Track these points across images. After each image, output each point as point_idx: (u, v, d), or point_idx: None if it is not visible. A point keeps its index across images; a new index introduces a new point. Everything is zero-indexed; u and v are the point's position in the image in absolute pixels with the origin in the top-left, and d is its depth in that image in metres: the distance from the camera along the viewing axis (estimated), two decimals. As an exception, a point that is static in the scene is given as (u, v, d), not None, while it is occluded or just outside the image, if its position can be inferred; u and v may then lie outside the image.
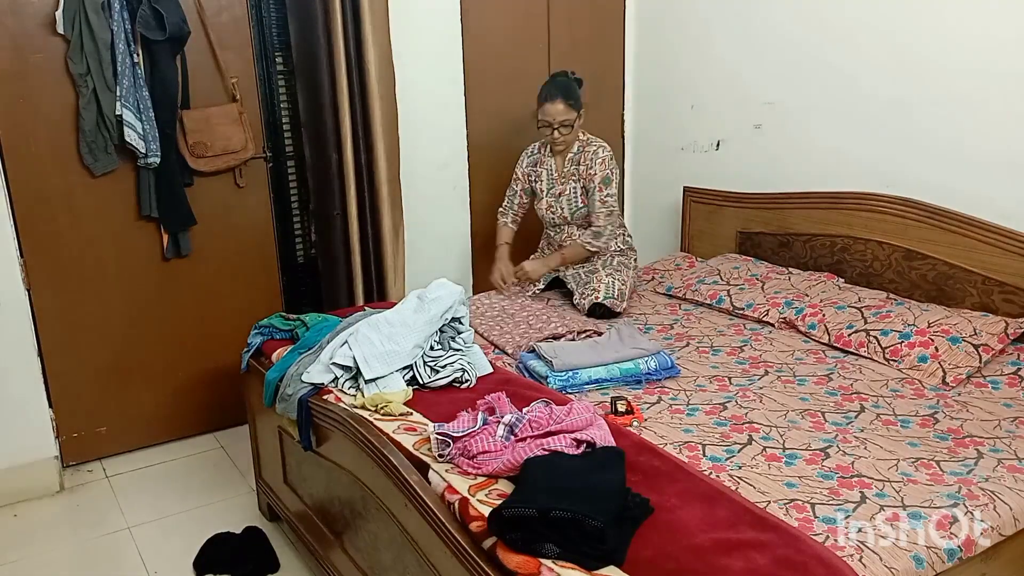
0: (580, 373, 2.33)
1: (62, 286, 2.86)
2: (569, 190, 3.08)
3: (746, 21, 3.30)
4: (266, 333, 2.56)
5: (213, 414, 3.22)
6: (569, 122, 2.98)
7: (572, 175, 3.07)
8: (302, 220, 3.42)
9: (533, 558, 1.45)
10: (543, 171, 3.14)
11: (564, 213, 3.10)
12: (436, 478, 1.74)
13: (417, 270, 3.45)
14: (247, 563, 2.43)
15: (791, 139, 3.21)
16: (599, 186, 3.00)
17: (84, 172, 2.80)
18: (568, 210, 3.09)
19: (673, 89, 3.68)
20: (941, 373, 2.31)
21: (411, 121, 3.29)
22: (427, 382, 2.20)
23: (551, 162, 3.12)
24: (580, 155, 3.06)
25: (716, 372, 2.41)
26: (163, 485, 2.91)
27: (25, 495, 2.83)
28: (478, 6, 3.44)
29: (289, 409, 2.20)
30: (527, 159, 3.20)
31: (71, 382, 2.94)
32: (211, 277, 3.13)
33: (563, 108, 2.96)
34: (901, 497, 1.74)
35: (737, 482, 1.80)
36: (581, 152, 3.06)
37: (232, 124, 2.97)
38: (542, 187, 3.15)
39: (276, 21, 3.13)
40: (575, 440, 1.74)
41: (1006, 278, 2.52)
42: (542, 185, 3.15)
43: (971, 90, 2.62)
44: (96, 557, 2.54)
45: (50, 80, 2.69)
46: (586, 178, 3.04)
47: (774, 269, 3.08)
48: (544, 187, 3.14)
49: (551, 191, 3.12)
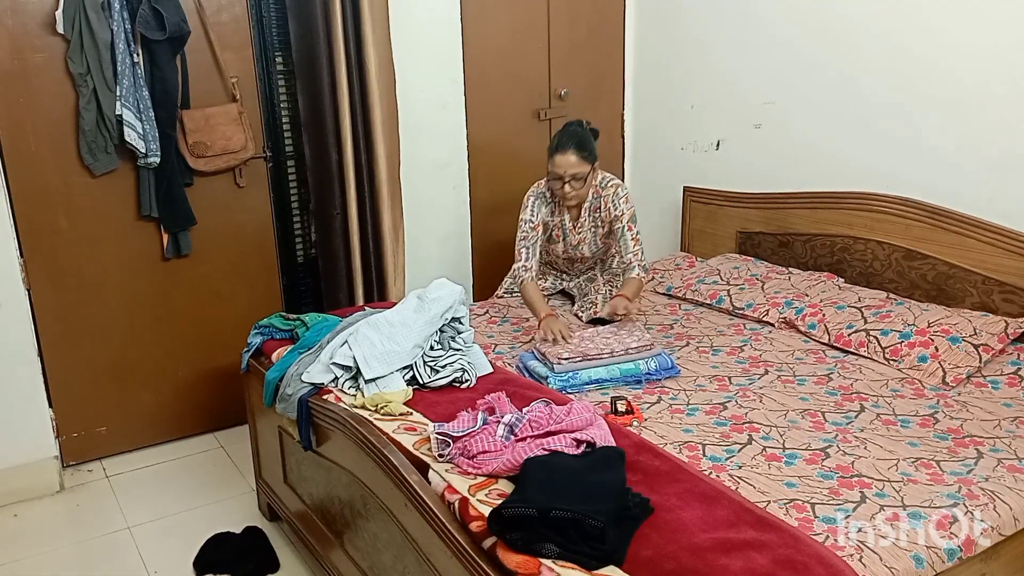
0: (580, 373, 2.33)
1: (62, 286, 2.86)
2: (588, 238, 2.91)
3: (746, 21, 3.30)
4: (266, 333, 2.57)
5: (213, 414, 3.22)
6: (582, 175, 2.71)
7: (593, 223, 2.87)
8: (302, 220, 3.42)
9: (533, 558, 1.45)
10: (558, 220, 2.91)
11: (583, 255, 2.97)
12: (436, 478, 1.75)
13: (417, 270, 3.45)
14: (247, 563, 2.43)
15: (791, 139, 3.21)
16: (628, 224, 2.79)
17: (84, 172, 2.80)
18: (588, 251, 2.96)
19: (673, 89, 3.68)
20: (941, 373, 2.31)
21: (411, 121, 3.29)
22: (427, 382, 2.20)
23: (564, 213, 2.89)
24: (599, 201, 2.83)
25: (716, 372, 2.42)
26: (163, 485, 2.91)
27: (25, 495, 2.83)
28: (478, 7, 3.44)
29: (289, 409, 2.20)
30: (543, 205, 2.87)
31: (71, 382, 2.94)
32: (211, 277, 3.13)
33: (575, 160, 2.69)
34: (901, 497, 1.74)
35: (737, 482, 1.80)
36: (599, 199, 2.83)
37: (232, 124, 2.97)
38: (557, 233, 2.94)
39: (276, 21, 3.13)
40: (575, 440, 1.74)
41: (1006, 278, 2.53)
42: (557, 231, 2.93)
43: (971, 90, 2.62)
44: (96, 557, 2.54)
45: (50, 80, 2.69)
46: (610, 220, 2.83)
47: (774, 269, 3.08)
48: (560, 233, 2.93)
49: (566, 239, 2.94)
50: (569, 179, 2.71)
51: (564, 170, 2.70)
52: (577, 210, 2.87)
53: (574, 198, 2.76)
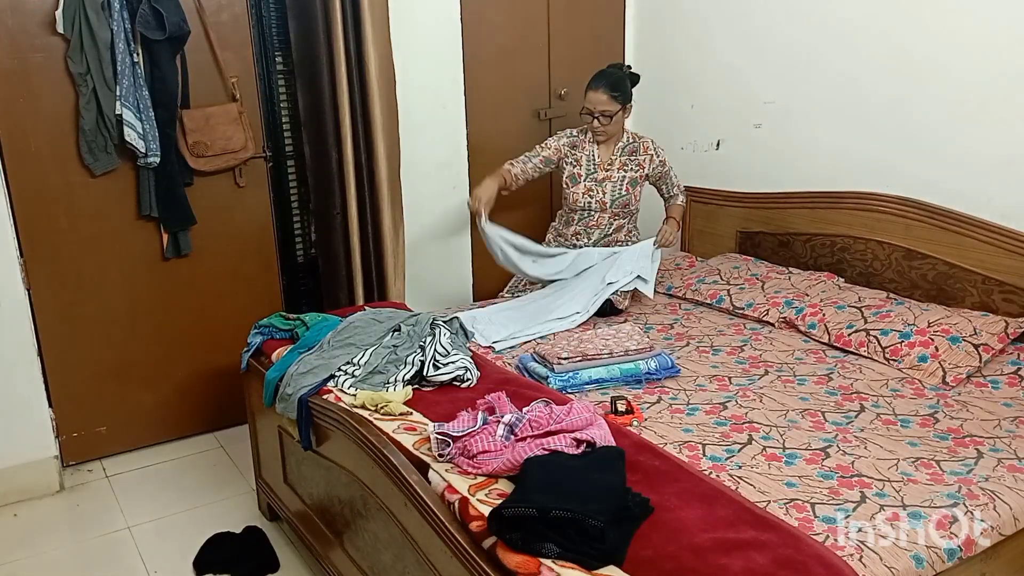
0: (580, 373, 2.33)
1: (62, 286, 2.86)
2: (616, 177, 3.08)
3: (746, 21, 3.30)
4: (266, 333, 2.56)
5: (213, 414, 3.22)
6: (610, 113, 2.98)
7: (622, 165, 3.08)
8: (302, 219, 3.42)
9: (533, 558, 1.45)
10: (582, 156, 3.11)
11: (604, 199, 3.09)
12: (436, 478, 1.75)
13: (417, 270, 3.45)
14: (247, 563, 2.43)
15: (791, 139, 3.21)
16: (671, 169, 3.16)
17: (84, 172, 2.80)
18: (610, 196, 3.08)
19: (673, 89, 3.68)
20: (941, 373, 2.31)
21: (411, 121, 3.29)
22: (429, 374, 2.21)
23: (593, 149, 3.10)
24: (637, 145, 3.10)
25: (716, 372, 2.42)
26: (163, 485, 2.91)
27: (25, 495, 2.83)
28: (478, 7, 3.43)
29: (289, 409, 2.20)
30: (566, 139, 3.15)
31: (71, 382, 2.94)
32: (211, 277, 3.12)
33: (606, 99, 2.96)
34: (901, 497, 1.74)
35: (737, 482, 1.80)
36: (637, 143, 3.10)
37: (232, 124, 2.97)
38: (579, 171, 3.11)
39: (276, 21, 3.13)
40: (575, 440, 1.74)
41: (1006, 277, 2.53)
42: (580, 169, 3.11)
43: (971, 90, 2.62)
44: (96, 557, 2.54)
45: (50, 80, 2.69)
46: (652, 167, 3.10)
47: (774, 269, 3.08)
48: (583, 171, 3.11)
49: (591, 175, 3.10)
50: (599, 114, 2.99)
51: (594, 106, 2.99)
52: (608, 148, 3.08)
53: (602, 133, 3.05)
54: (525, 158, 3.16)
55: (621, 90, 3.00)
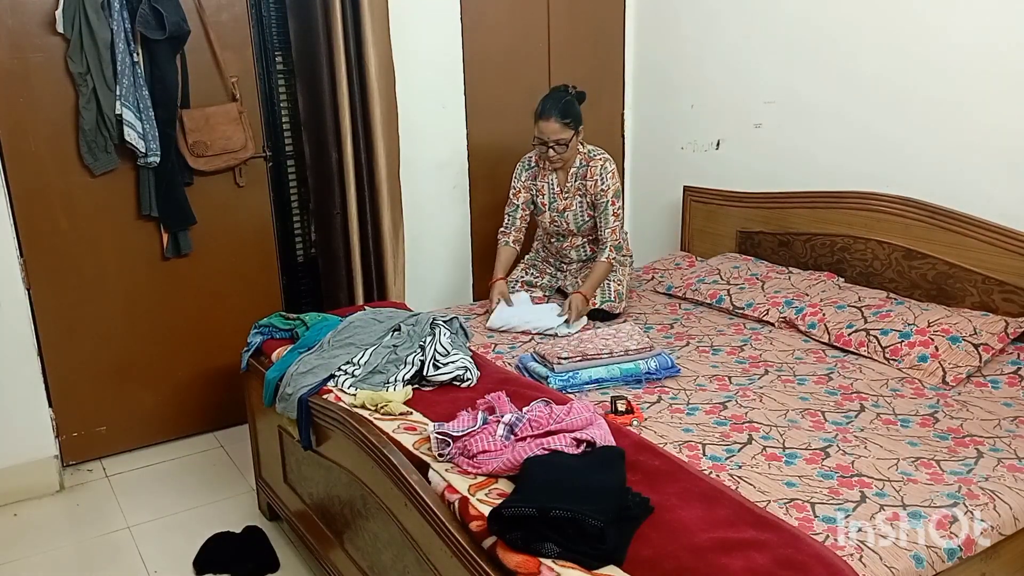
0: (580, 373, 2.33)
1: (62, 286, 2.86)
2: (575, 205, 2.96)
3: (746, 21, 3.30)
4: (266, 333, 2.56)
5: (213, 413, 3.22)
6: (564, 141, 2.82)
7: (578, 190, 2.94)
8: (302, 219, 3.43)
9: (533, 557, 1.45)
10: (544, 184, 3.01)
11: (570, 227, 3.02)
12: (436, 477, 1.75)
13: (417, 270, 3.45)
14: (247, 562, 2.43)
15: (791, 139, 3.21)
16: (612, 199, 2.89)
17: (84, 171, 2.80)
18: (574, 224, 3.00)
19: (673, 89, 3.68)
20: (941, 372, 2.31)
21: (411, 121, 3.29)
22: (429, 374, 2.21)
23: (551, 177, 2.99)
24: (585, 169, 2.92)
25: (716, 371, 2.42)
26: (163, 485, 2.91)
27: (25, 495, 2.83)
28: (478, 6, 3.44)
29: (289, 409, 2.20)
30: (524, 172, 3.05)
31: (71, 382, 2.94)
32: (211, 276, 3.13)
33: (558, 127, 2.80)
34: (901, 496, 1.74)
35: (737, 481, 1.80)
36: (586, 167, 2.92)
37: (232, 123, 2.97)
38: (543, 200, 3.03)
39: (276, 21, 3.13)
40: (575, 439, 1.74)
41: (1006, 277, 2.52)
42: (543, 199, 3.03)
43: (970, 90, 2.62)
44: (96, 557, 2.54)
45: (50, 80, 2.69)
46: (595, 193, 2.91)
47: (774, 268, 3.08)
48: (545, 200, 3.02)
49: (553, 206, 3.01)
50: (552, 144, 2.84)
51: (547, 136, 2.83)
52: (564, 174, 2.96)
53: (558, 161, 2.89)
54: (510, 218, 3.06)
55: (572, 114, 2.83)
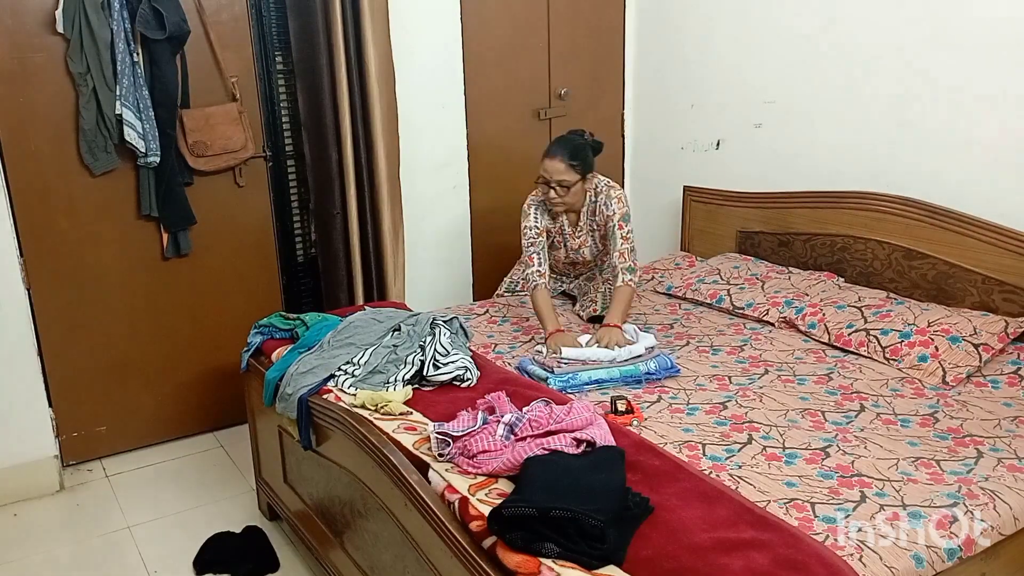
0: (580, 374, 2.33)
1: (62, 286, 2.86)
2: (590, 241, 2.91)
3: (746, 20, 3.30)
4: (266, 332, 2.56)
5: (213, 413, 3.22)
6: (567, 183, 2.70)
7: (591, 229, 2.87)
8: (302, 219, 3.42)
9: (533, 557, 1.45)
10: (559, 224, 2.91)
11: (587, 258, 2.98)
12: (436, 477, 1.75)
13: (417, 270, 3.45)
14: (247, 562, 2.43)
15: (791, 138, 3.21)
16: (619, 223, 2.76)
17: (84, 171, 2.80)
18: (591, 255, 2.96)
19: (673, 89, 3.68)
20: (941, 372, 2.31)
21: (411, 121, 3.29)
22: (429, 374, 2.20)
23: (563, 220, 2.89)
24: (595, 206, 2.82)
25: (716, 371, 2.41)
26: (163, 484, 2.91)
27: (25, 495, 2.83)
28: (478, 6, 3.44)
29: (289, 408, 2.20)
30: (542, 216, 2.85)
31: (71, 382, 2.94)
32: (211, 276, 3.12)
33: (563, 168, 2.68)
34: (901, 496, 1.74)
35: (737, 481, 1.80)
36: (595, 204, 2.82)
37: (232, 123, 2.97)
38: (558, 239, 2.94)
39: (276, 21, 3.13)
40: (575, 439, 1.74)
41: (1006, 277, 2.52)
42: (558, 237, 2.94)
43: (971, 89, 2.62)
44: (96, 557, 2.54)
45: (50, 80, 2.69)
46: (603, 221, 2.82)
47: (774, 268, 3.08)
48: (561, 240, 2.94)
49: (568, 244, 2.94)
50: (555, 184, 2.70)
51: (550, 175, 2.70)
52: (576, 215, 2.87)
53: (559, 204, 2.76)
54: (536, 254, 2.80)
55: (581, 159, 2.71)
